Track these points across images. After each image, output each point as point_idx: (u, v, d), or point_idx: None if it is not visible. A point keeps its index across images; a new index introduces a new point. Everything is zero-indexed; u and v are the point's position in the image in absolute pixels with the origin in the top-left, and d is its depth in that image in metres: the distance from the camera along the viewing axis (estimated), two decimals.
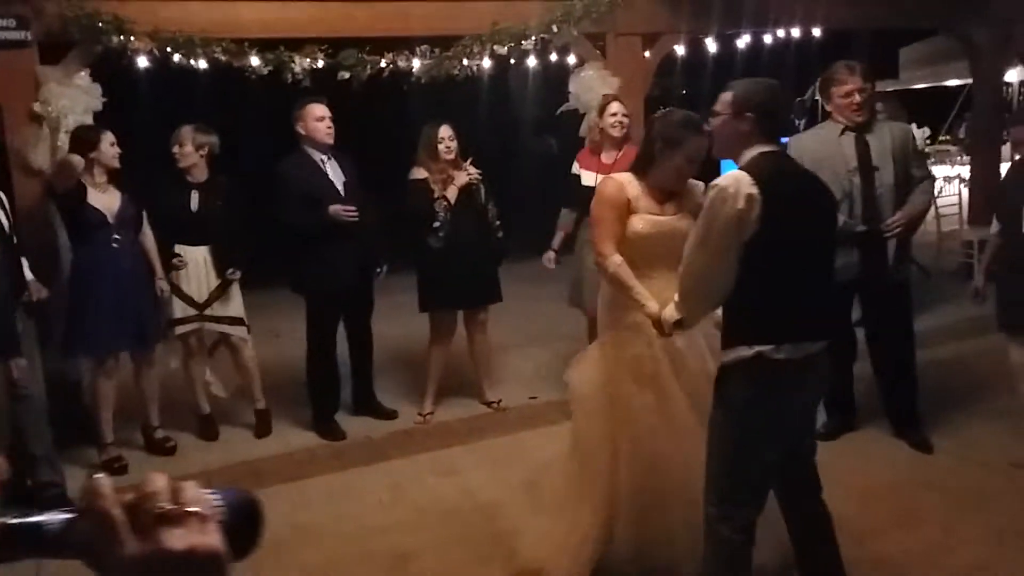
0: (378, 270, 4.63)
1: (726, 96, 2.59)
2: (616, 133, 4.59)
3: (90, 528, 0.65)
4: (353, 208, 4.24)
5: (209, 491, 0.70)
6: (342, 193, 4.37)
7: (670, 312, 2.65)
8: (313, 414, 4.59)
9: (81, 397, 4.43)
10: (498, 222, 4.59)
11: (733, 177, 2.40)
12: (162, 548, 0.64)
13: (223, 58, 4.63)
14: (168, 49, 4.56)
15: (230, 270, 4.38)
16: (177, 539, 0.64)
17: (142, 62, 4.60)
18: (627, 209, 2.95)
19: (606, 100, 4.73)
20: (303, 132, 4.37)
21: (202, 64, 4.65)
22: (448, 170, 4.43)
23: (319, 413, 4.57)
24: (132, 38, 4.50)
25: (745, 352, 2.42)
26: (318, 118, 4.34)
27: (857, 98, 3.93)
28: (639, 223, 2.95)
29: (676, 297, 2.62)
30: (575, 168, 4.73)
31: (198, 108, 4.94)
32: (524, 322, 5.99)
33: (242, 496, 0.73)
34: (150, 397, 4.41)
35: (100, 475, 0.68)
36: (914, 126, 11.78)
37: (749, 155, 2.50)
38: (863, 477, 3.88)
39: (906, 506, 3.64)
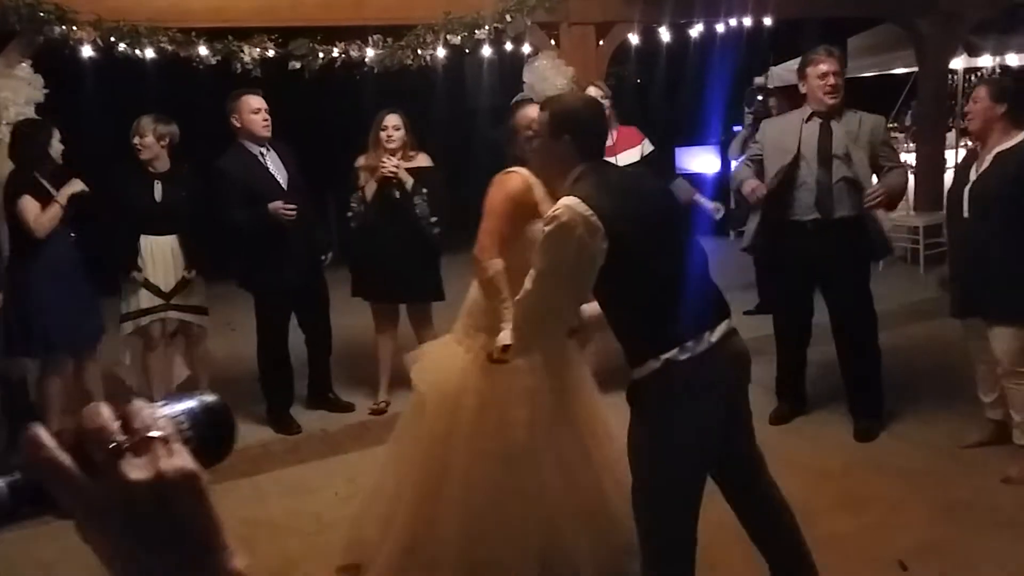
0: (323, 257, 4.60)
1: (542, 116, 2.47)
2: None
3: (39, 482, 0.59)
4: (293, 205, 4.16)
5: (163, 404, 0.64)
6: (284, 187, 4.31)
7: (503, 336, 2.53)
8: (267, 408, 4.55)
9: (28, 395, 4.34)
10: (433, 218, 4.43)
11: (566, 206, 2.25)
12: (126, 482, 0.58)
13: (170, 48, 4.55)
14: (112, 39, 4.46)
15: (190, 271, 4.36)
16: (141, 469, 0.58)
17: (87, 52, 4.50)
18: (529, 208, 2.79)
19: (583, 87, 4.72)
20: (238, 125, 4.27)
21: (149, 54, 4.56)
22: (384, 160, 4.37)
23: (272, 407, 4.53)
24: (75, 27, 4.40)
25: (654, 364, 2.33)
26: (254, 110, 4.24)
27: (832, 80, 3.98)
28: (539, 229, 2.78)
29: (510, 324, 2.50)
30: None
31: (149, 99, 4.83)
32: None
33: (203, 402, 0.67)
34: (93, 395, 4.32)
35: (36, 425, 0.60)
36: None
37: (572, 176, 2.38)
38: (813, 460, 3.97)
39: (855, 487, 3.73)
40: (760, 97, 7.56)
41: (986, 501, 3.52)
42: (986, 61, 9.72)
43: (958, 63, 8.94)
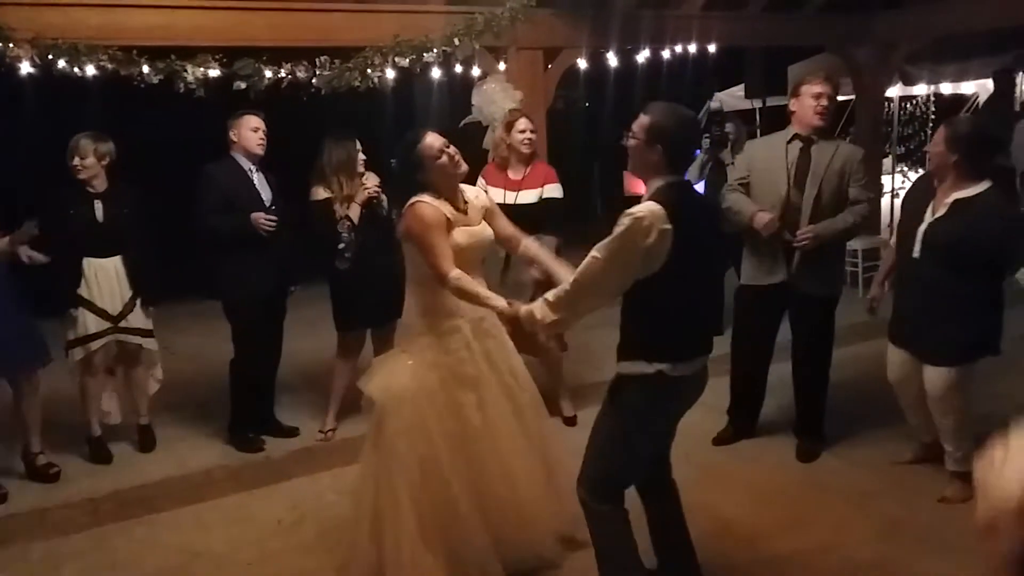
0: (292, 288, 4.57)
1: (643, 120, 2.65)
2: (525, 149, 4.63)
3: None
4: (274, 218, 4.20)
5: None
6: (267, 204, 4.32)
7: (543, 312, 2.68)
8: (231, 424, 4.46)
9: None
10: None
11: (649, 210, 2.48)
12: None
13: (110, 66, 4.45)
14: (50, 56, 4.35)
15: (138, 299, 4.31)
16: None
17: (25, 69, 4.38)
18: (448, 227, 3.05)
19: (513, 116, 4.74)
20: (235, 139, 4.32)
21: (90, 71, 4.46)
22: (354, 186, 4.36)
23: (238, 424, 4.45)
24: (11, 45, 4.28)
25: (645, 368, 2.60)
26: (253, 128, 4.33)
27: (824, 102, 4.03)
28: (461, 236, 3.08)
29: (550, 297, 2.66)
30: (480, 184, 4.66)
31: (85, 118, 4.72)
32: None
33: None
34: (32, 421, 4.18)
35: None
36: None
37: (656, 184, 2.61)
38: (756, 480, 4.02)
39: (797, 508, 3.77)
40: (718, 121, 7.71)
41: (926, 521, 3.59)
42: (921, 89, 10.07)
43: (894, 91, 9.24)
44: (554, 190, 4.65)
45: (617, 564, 2.81)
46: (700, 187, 6.33)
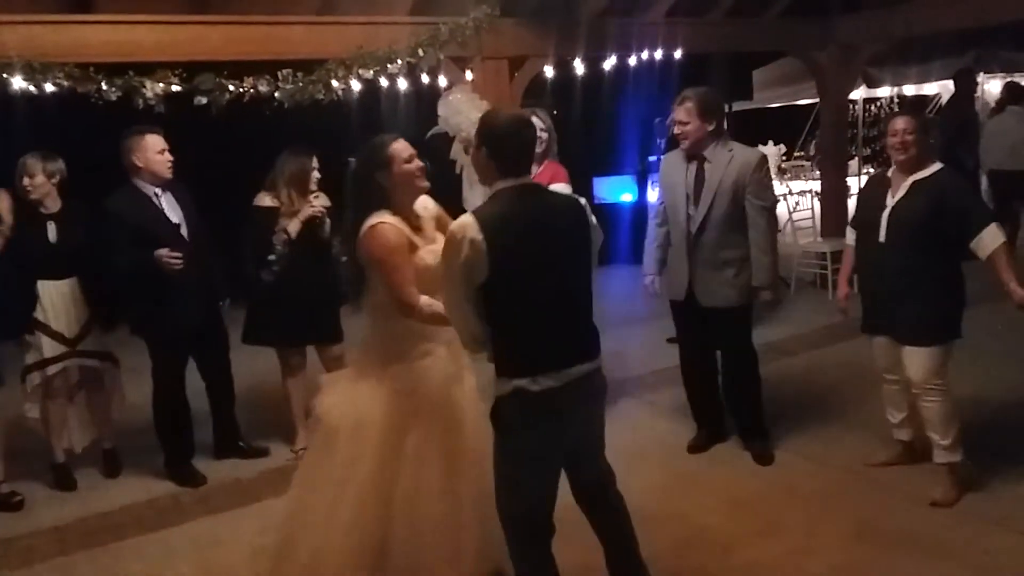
0: (221, 303, 4.47)
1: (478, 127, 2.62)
2: (537, 148, 4.57)
3: None
4: (178, 254, 4.00)
5: None
6: (179, 228, 4.18)
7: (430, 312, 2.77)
8: (165, 460, 4.36)
9: None
10: (344, 258, 4.40)
11: (461, 224, 2.45)
12: None
13: (67, 83, 4.37)
14: (4, 75, 4.26)
15: (102, 328, 4.25)
16: None
17: None
18: (411, 248, 2.91)
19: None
20: (140, 164, 4.12)
21: (47, 89, 4.38)
22: (302, 202, 4.31)
23: (171, 459, 4.35)
24: None
25: (506, 386, 2.52)
26: (159, 150, 4.13)
27: (676, 129, 4.11)
28: (427, 256, 2.91)
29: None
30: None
31: (43, 136, 4.62)
32: None
33: None
34: None
35: None
36: (771, 143, 12.45)
37: (494, 191, 2.55)
38: (728, 487, 4.01)
39: (770, 513, 3.77)
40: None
41: (897, 522, 3.60)
42: (884, 91, 10.22)
43: (858, 93, 9.36)
44: (561, 189, 4.53)
45: None
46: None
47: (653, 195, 9.44)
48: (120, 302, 4.31)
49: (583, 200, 2.79)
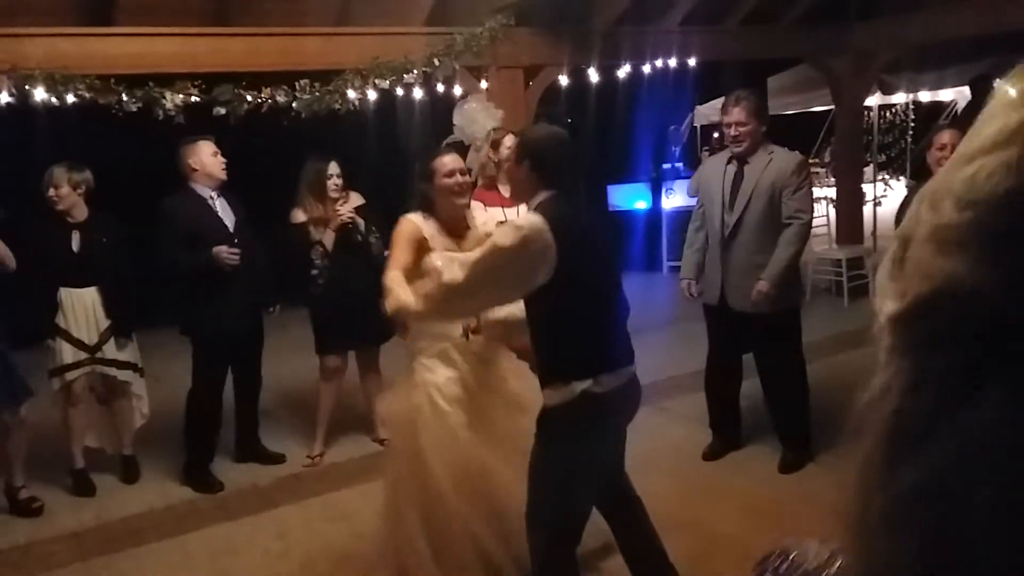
0: (270, 309, 4.53)
1: (514, 141, 2.74)
2: None
3: None
4: (236, 251, 4.13)
5: None
6: (231, 231, 4.26)
7: (409, 301, 2.63)
8: (186, 463, 4.39)
9: None
10: (386, 252, 4.50)
11: (530, 222, 2.45)
12: None
13: (88, 95, 4.43)
14: (27, 87, 4.34)
15: (120, 337, 4.28)
16: None
17: (3, 98, 4.36)
18: (422, 246, 3.01)
19: (500, 135, 4.67)
20: (196, 168, 4.24)
21: (68, 100, 4.45)
22: (328, 210, 4.36)
23: (193, 462, 4.37)
24: None
25: (567, 392, 2.50)
26: (212, 153, 4.27)
27: (733, 131, 4.06)
28: (438, 259, 2.90)
29: (424, 290, 2.59)
30: (480, 209, 4.47)
31: (63, 147, 4.69)
32: None
33: None
34: (15, 455, 4.13)
35: None
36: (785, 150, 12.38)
37: (536, 200, 2.59)
38: (744, 495, 4.00)
39: (787, 522, 3.74)
40: (716, 135, 7.75)
41: None
42: (900, 98, 10.18)
43: (873, 100, 9.32)
44: None
45: None
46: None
47: (667, 202, 9.45)
48: (167, 303, 4.37)
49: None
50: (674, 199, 9.38)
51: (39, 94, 4.38)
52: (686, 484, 4.11)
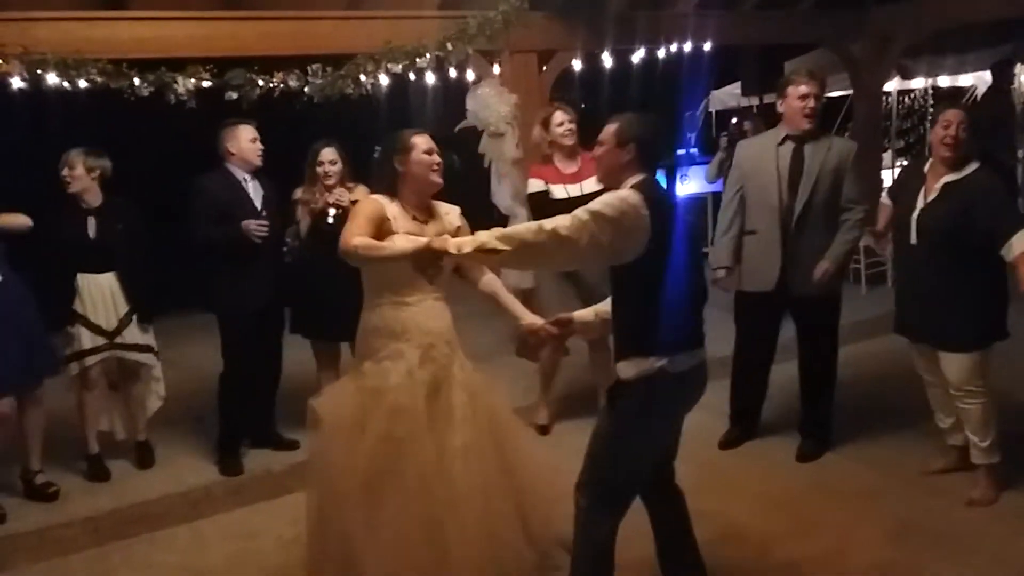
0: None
1: (610, 127, 2.74)
2: (569, 141, 4.50)
3: None
4: (265, 223, 4.13)
5: None
6: (260, 210, 4.26)
7: (484, 240, 2.45)
8: (219, 443, 4.37)
9: None
10: None
11: (630, 195, 2.53)
12: None
13: (100, 79, 4.41)
14: (39, 71, 4.32)
15: (142, 322, 4.28)
16: None
17: (16, 84, 4.35)
18: (383, 224, 2.95)
19: (548, 111, 4.60)
20: (233, 151, 4.23)
21: (81, 85, 4.43)
22: (316, 193, 4.32)
23: (224, 440, 4.36)
24: (1, 60, 4.25)
25: (644, 367, 2.58)
26: (251, 139, 4.25)
27: (812, 103, 3.94)
28: (401, 241, 2.88)
29: (504, 232, 2.47)
30: (537, 185, 4.53)
31: (84, 131, 4.68)
32: None
33: None
34: (32, 438, 4.12)
35: None
36: None
37: (630, 183, 2.65)
38: (762, 484, 3.97)
39: (805, 512, 3.72)
40: (734, 120, 7.67)
41: (938, 523, 3.53)
42: (919, 83, 10.03)
43: (892, 85, 9.19)
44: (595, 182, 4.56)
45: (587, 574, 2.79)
46: (719, 185, 6.27)
47: (682, 189, 9.36)
48: (198, 279, 4.36)
49: None
50: (689, 185, 9.29)
51: (51, 79, 4.37)
52: (703, 472, 4.05)
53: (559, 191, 4.48)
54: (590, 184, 4.43)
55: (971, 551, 3.29)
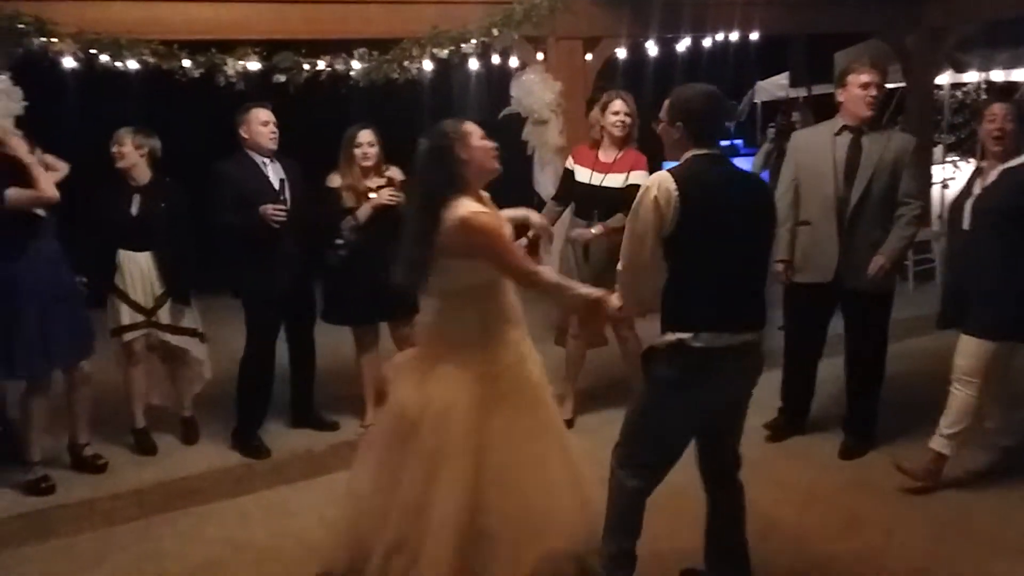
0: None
1: (666, 103, 2.73)
2: (618, 132, 4.46)
3: None
4: (282, 208, 4.10)
5: None
6: (281, 195, 4.24)
7: (615, 298, 2.77)
8: (236, 427, 4.40)
9: (5, 411, 4.25)
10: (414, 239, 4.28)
11: (656, 176, 2.59)
12: None
13: (151, 60, 4.48)
14: (92, 51, 4.40)
15: (177, 303, 4.32)
16: None
17: (68, 63, 4.43)
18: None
19: (609, 97, 4.55)
20: (246, 136, 4.22)
21: (132, 65, 4.50)
22: (366, 180, 4.27)
23: (242, 426, 4.39)
24: (55, 39, 4.34)
25: (668, 338, 2.62)
26: (263, 122, 4.21)
27: (874, 92, 3.89)
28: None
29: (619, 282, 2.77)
30: (569, 163, 4.63)
31: (132, 111, 4.75)
32: None
33: None
34: (80, 413, 4.22)
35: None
36: None
37: (684, 158, 2.68)
38: (802, 480, 3.93)
39: (847, 508, 3.67)
40: (783, 111, 7.56)
41: (981, 522, 3.48)
42: (972, 76, 9.80)
43: (944, 78, 8.99)
44: (639, 177, 4.36)
45: (614, 535, 2.85)
46: (765, 176, 6.19)
47: None
48: (217, 265, 4.36)
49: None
50: None
51: (103, 59, 4.44)
52: (745, 465, 4.03)
53: (583, 175, 4.51)
54: (612, 179, 4.44)
55: (1017, 554, 3.22)
